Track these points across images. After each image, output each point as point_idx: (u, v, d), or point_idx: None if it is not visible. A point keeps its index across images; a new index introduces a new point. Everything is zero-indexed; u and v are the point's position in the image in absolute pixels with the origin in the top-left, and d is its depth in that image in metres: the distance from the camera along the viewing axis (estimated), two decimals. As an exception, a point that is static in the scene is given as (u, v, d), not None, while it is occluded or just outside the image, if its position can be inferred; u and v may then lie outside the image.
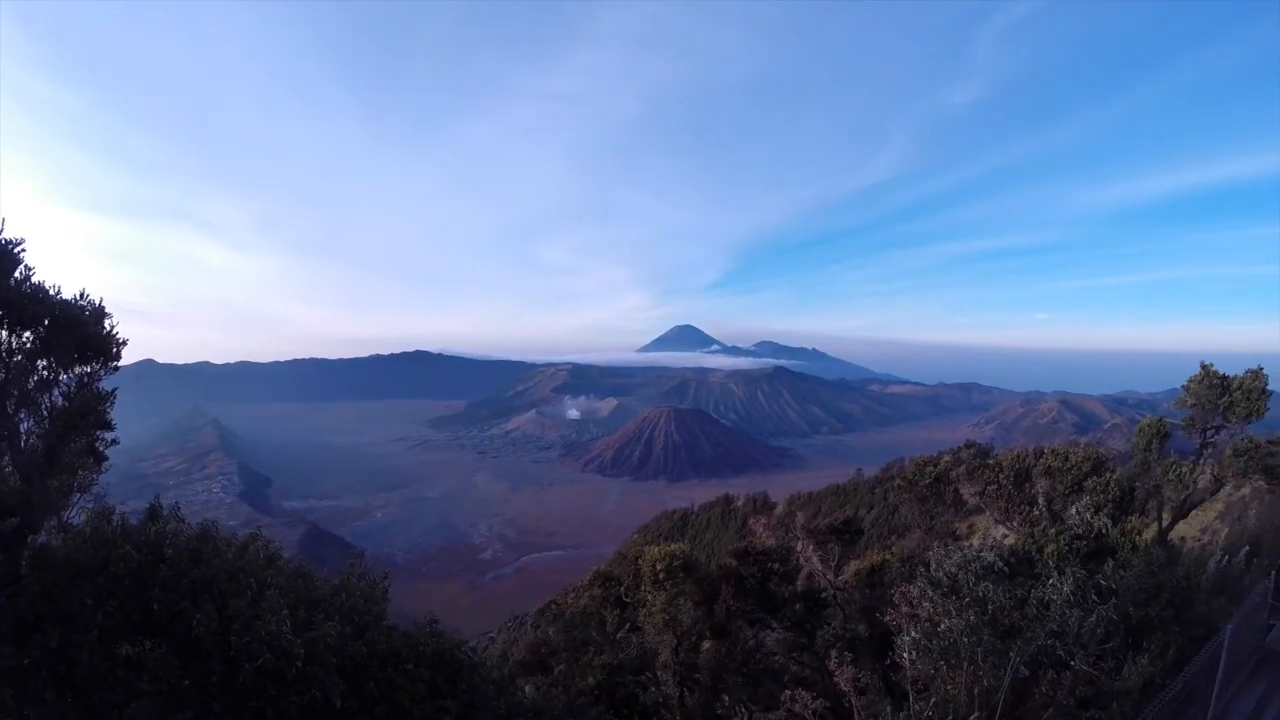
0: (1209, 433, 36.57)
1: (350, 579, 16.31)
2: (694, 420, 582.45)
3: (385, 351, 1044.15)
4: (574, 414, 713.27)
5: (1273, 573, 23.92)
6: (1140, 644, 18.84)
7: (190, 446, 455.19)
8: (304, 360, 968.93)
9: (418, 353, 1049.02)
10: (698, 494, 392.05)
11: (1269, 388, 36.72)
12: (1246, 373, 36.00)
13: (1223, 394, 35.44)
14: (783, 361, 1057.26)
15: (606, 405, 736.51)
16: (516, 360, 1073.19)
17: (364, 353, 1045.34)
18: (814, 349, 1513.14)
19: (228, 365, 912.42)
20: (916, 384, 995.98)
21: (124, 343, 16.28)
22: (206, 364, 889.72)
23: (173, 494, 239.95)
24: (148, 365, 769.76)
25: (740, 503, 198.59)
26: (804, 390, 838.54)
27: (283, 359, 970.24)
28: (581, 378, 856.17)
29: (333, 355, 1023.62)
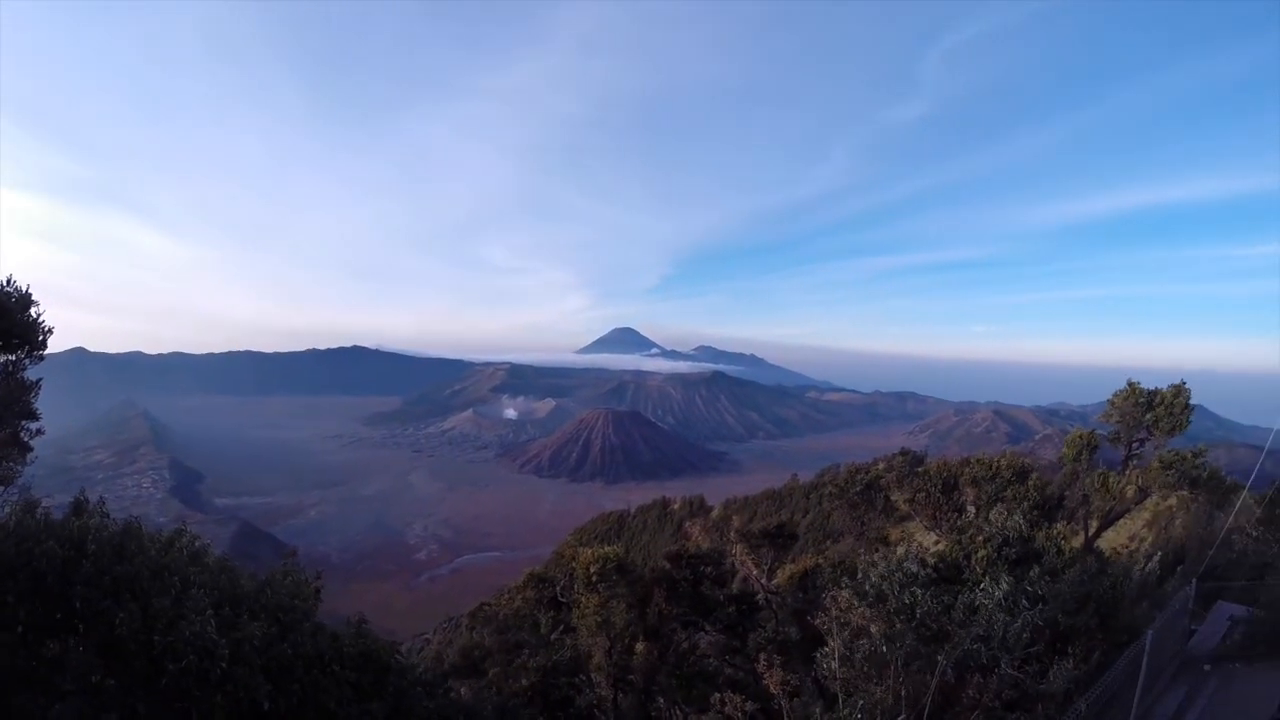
0: (1134, 445, 37.62)
1: (276, 576, 16.11)
2: (632, 423, 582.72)
3: (322, 346, 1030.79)
4: (511, 414, 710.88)
5: (1194, 580, 24.50)
6: (1065, 649, 19.07)
7: (120, 439, 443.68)
8: (239, 353, 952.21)
9: (355, 348, 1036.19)
10: (634, 496, 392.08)
11: (1191, 402, 37.95)
12: (1169, 388, 37.17)
13: (1147, 409, 36.53)
14: (721, 366, 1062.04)
15: (544, 406, 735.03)
16: (454, 358, 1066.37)
17: (300, 346, 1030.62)
18: (752, 355, 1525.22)
19: (161, 355, 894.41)
20: (853, 391, 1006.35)
21: (50, 330, 15.95)
22: (139, 354, 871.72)
23: (101, 488, 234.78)
24: (78, 354, 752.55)
25: (676, 506, 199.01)
26: (742, 395, 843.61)
27: (218, 350, 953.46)
28: (520, 378, 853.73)
29: (268, 348, 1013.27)
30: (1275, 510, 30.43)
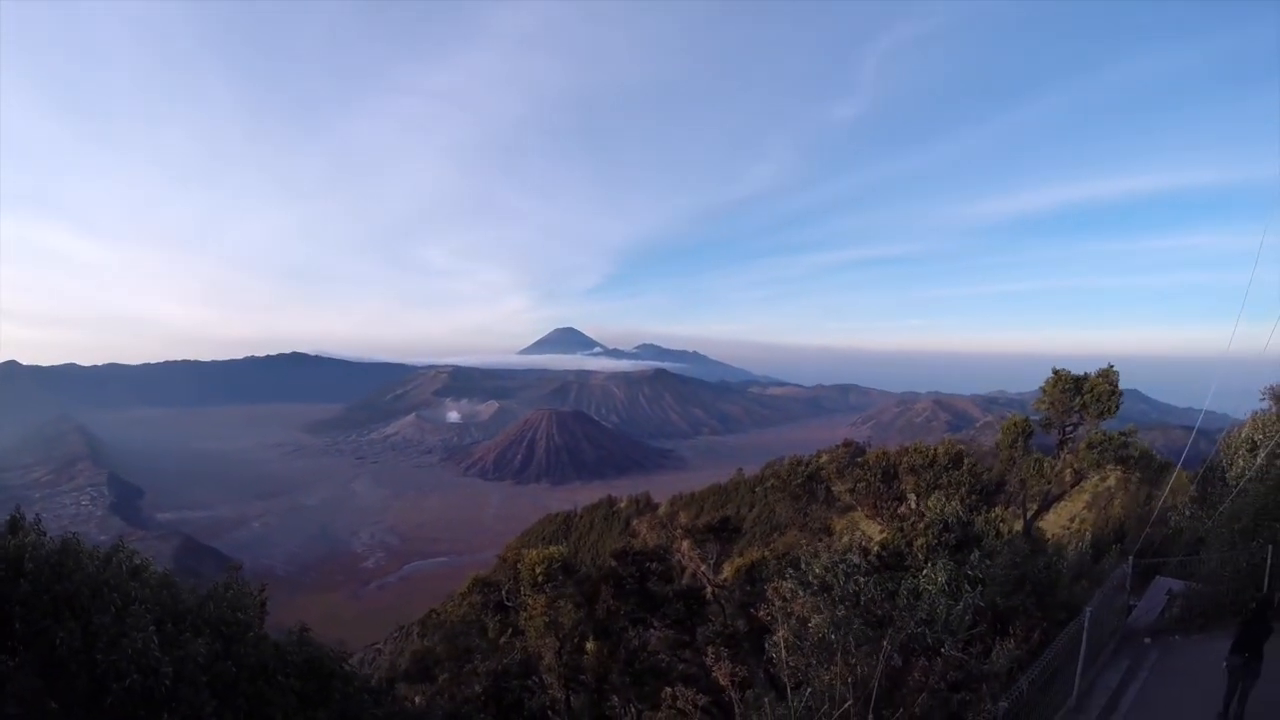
0: (1067, 429, 38.63)
1: (218, 589, 16.04)
2: (576, 423, 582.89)
3: (260, 353, 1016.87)
4: (455, 417, 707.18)
5: (1130, 557, 25.13)
6: (1007, 629, 19.65)
7: (56, 455, 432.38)
8: (176, 362, 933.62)
9: (294, 354, 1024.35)
10: (581, 496, 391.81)
11: (1128, 387, 39.21)
12: (1098, 373, 38.32)
13: (1076, 394, 37.61)
14: (664, 364, 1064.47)
15: (488, 408, 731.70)
16: (396, 362, 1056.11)
17: (239, 354, 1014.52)
18: (695, 352, 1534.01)
19: (96, 367, 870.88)
20: (796, 385, 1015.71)
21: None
22: (74, 365, 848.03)
23: (39, 506, 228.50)
24: (10, 367, 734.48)
25: (623, 504, 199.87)
26: (685, 392, 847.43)
27: (154, 360, 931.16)
28: (462, 380, 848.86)
29: (206, 356, 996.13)
30: (1207, 488, 31.42)
